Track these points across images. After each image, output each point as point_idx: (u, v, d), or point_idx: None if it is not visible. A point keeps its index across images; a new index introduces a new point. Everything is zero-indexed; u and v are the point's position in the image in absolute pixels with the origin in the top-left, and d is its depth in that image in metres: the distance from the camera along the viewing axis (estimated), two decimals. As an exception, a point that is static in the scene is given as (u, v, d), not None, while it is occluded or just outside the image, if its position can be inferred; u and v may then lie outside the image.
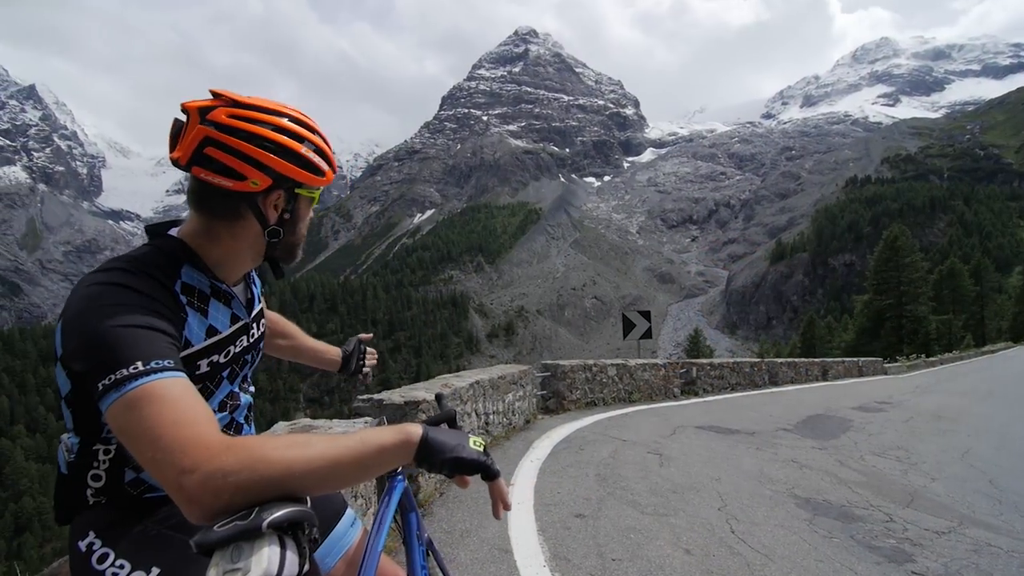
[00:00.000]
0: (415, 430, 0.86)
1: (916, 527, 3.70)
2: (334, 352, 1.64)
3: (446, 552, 3.00)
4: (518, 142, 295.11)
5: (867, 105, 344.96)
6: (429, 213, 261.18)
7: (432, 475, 4.06)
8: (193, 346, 0.98)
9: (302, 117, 1.05)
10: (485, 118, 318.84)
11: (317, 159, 1.03)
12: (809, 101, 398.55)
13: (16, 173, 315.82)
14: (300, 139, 1.01)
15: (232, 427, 1.13)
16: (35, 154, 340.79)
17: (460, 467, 0.87)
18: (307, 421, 2.92)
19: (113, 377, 0.79)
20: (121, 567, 0.91)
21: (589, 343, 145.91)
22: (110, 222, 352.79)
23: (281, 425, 2.88)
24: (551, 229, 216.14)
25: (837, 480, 4.85)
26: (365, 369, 1.71)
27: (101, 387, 0.80)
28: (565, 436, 6.28)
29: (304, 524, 0.73)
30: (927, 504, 4.28)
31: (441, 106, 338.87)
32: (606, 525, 3.44)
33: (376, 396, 3.97)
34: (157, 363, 0.81)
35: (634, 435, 6.45)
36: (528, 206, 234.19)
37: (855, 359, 22.70)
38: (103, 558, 0.93)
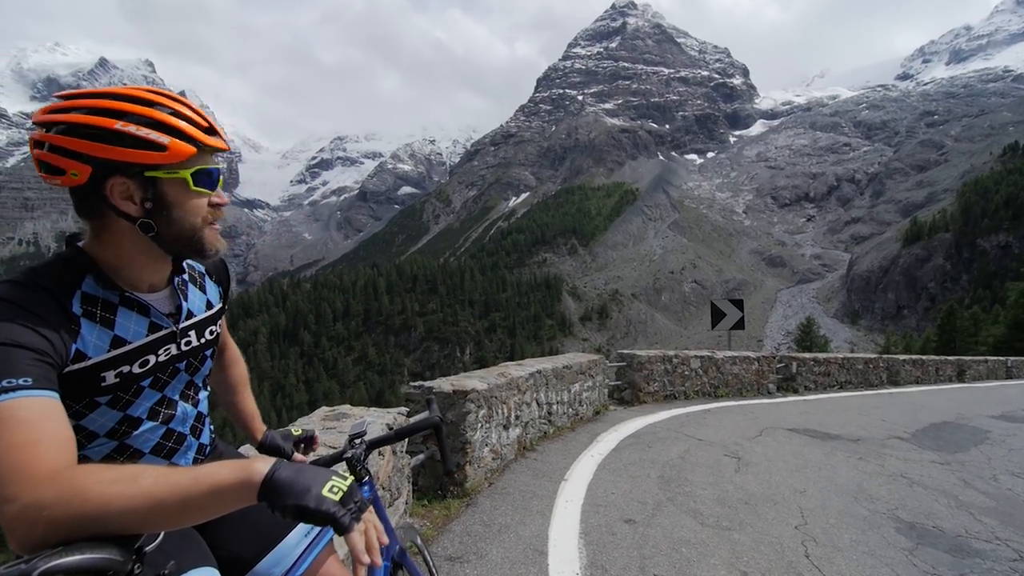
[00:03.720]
0: (259, 468, 0.77)
1: (1055, 573, 3.02)
2: (256, 431, 1.42)
3: (479, 547, 2.93)
4: (614, 121, 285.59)
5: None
6: (524, 196, 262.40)
7: (482, 464, 4.01)
8: (90, 358, 0.92)
9: (128, 91, 0.93)
10: (580, 98, 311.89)
11: (144, 132, 0.90)
12: (958, 57, 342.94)
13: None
14: (117, 114, 0.90)
15: (172, 439, 1.08)
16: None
17: (303, 516, 0.76)
18: (345, 408, 2.96)
19: None
20: None
21: (688, 329, 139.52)
22: (246, 210, 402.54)
23: (321, 411, 2.94)
24: (648, 210, 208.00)
25: (956, 503, 4.13)
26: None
27: None
28: (634, 431, 5.98)
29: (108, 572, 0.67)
30: (1076, 544, 3.49)
31: (536, 88, 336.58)
32: (656, 535, 3.17)
33: (426, 383, 3.97)
34: (10, 382, 0.77)
35: (712, 434, 5.99)
36: (624, 186, 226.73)
37: (1002, 358, 19.50)
38: None
